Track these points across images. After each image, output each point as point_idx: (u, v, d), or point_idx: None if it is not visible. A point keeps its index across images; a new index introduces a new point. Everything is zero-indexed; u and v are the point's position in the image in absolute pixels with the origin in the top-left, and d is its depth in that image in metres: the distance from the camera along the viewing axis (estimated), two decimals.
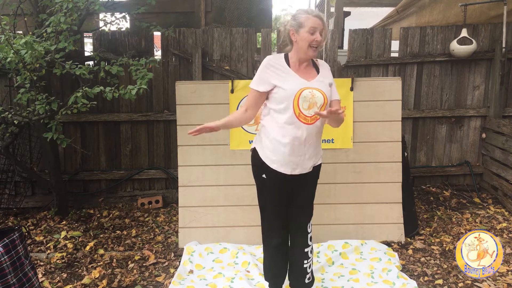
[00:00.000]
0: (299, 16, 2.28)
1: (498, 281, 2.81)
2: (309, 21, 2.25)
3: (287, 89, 2.27)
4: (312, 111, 2.27)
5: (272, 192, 2.45)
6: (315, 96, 2.27)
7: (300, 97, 2.26)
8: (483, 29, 4.32)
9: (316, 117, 2.28)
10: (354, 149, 3.46)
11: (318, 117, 2.29)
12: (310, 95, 2.27)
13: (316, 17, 2.27)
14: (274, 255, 2.53)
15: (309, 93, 2.27)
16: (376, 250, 3.24)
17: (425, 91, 4.40)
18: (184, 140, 3.47)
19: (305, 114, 2.27)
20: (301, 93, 2.26)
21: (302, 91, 2.27)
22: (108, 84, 3.41)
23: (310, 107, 2.27)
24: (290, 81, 2.29)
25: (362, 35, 4.30)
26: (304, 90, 2.27)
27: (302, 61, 2.35)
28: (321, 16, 2.29)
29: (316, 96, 2.27)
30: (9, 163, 4.08)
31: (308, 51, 2.28)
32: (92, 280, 2.92)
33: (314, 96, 2.27)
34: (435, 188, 4.45)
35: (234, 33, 4.28)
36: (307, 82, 2.31)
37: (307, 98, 2.26)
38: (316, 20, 2.26)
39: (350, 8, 7.66)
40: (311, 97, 2.26)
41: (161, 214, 4.13)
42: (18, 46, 2.96)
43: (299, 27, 2.28)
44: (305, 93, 2.26)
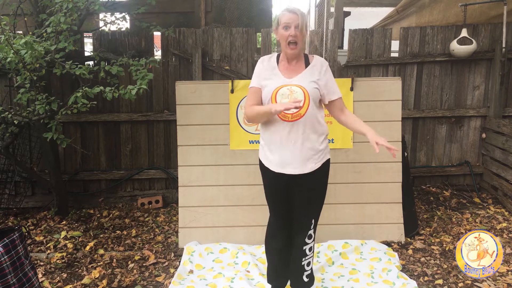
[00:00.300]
0: (277, 16, 2.32)
1: (498, 281, 2.81)
2: (283, 17, 2.26)
3: (266, 88, 2.30)
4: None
5: (270, 191, 2.44)
6: (294, 92, 2.25)
7: (278, 95, 2.25)
8: (483, 29, 4.32)
9: (299, 114, 2.24)
10: (354, 149, 3.46)
11: (302, 115, 2.24)
12: (288, 91, 2.25)
13: (289, 12, 2.25)
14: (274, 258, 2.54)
15: (287, 90, 2.26)
16: (376, 250, 3.24)
17: (425, 91, 4.40)
18: (184, 140, 3.47)
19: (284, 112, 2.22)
20: (278, 90, 2.26)
21: (280, 88, 2.27)
22: (108, 84, 3.41)
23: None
24: (271, 80, 2.32)
25: (362, 35, 4.30)
26: (282, 87, 2.27)
27: (290, 59, 2.34)
28: (295, 11, 2.26)
29: (295, 92, 2.25)
30: (9, 163, 4.08)
31: (286, 48, 2.28)
32: (92, 280, 2.92)
33: (292, 92, 2.25)
34: (435, 188, 4.45)
35: (234, 33, 4.28)
36: (288, 79, 2.31)
37: (285, 95, 2.25)
38: (289, 15, 2.24)
39: (350, 8, 7.67)
40: (290, 94, 2.24)
41: (161, 214, 4.13)
42: (18, 46, 2.95)
43: (277, 25, 2.30)
44: (282, 91, 2.26)
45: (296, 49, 2.27)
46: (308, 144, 2.30)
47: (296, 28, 2.23)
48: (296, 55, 2.32)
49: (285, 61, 2.36)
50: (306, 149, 2.30)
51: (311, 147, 2.31)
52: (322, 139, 2.37)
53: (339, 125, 3.40)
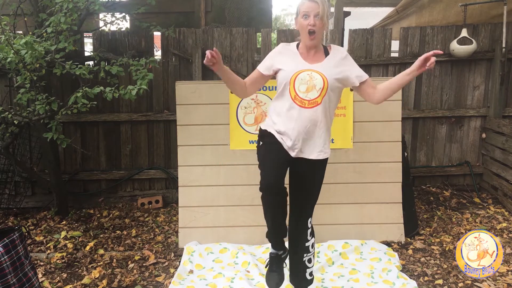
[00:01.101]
0: (298, 5, 2.29)
1: (498, 281, 2.81)
2: (302, 6, 2.23)
3: (286, 70, 2.26)
4: (311, 94, 2.21)
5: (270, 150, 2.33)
6: (314, 78, 2.21)
7: (297, 79, 2.22)
8: (483, 29, 4.32)
9: (315, 101, 2.21)
10: (354, 149, 3.46)
11: (318, 103, 2.22)
12: (308, 77, 2.22)
13: (309, 0, 2.22)
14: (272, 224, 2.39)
15: (307, 75, 2.22)
16: (376, 250, 3.24)
17: (425, 91, 4.40)
18: (184, 140, 3.47)
19: (301, 97, 2.21)
20: (298, 75, 2.22)
21: (300, 73, 2.23)
22: (108, 84, 3.41)
23: (308, 90, 2.22)
24: (291, 63, 2.29)
25: (362, 35, 4.30)
26: (302, 72, 2.23)
27: (309, 48, 2.31)
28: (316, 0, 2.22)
29: (314, 79, 2.21)
30: (9, 163, 4.08)
31: (306, 38, 2.25)
32: (92, 280, 2.92)
33: (312, 79, 2.21)
34: (435, 188, 4.45)
35: (234, 33, 4.28)
36: (308, 64, 2.27)
37: (305, 80, 2.21)
38: (308, 4, 2.21)
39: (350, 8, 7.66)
40: (309, 79, 2.21)
41: (161, 214, 4.13)
42: (18, 46, 2.96)
43: (297, 15, 2.28)
44: (302, 75, 2.22)
45: (315, 39, 2.24)
46: (320, 131, 2.28)
47: (316, 17, 2.20)
48: (315, 45, 2.29)
49: (304, 49, 2.33)
50: (317, 137, 2.28)
51: (321, 136, 2.29)
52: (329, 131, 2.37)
53: (339, 125, 3.44)
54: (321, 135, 2.29)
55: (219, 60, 2.18)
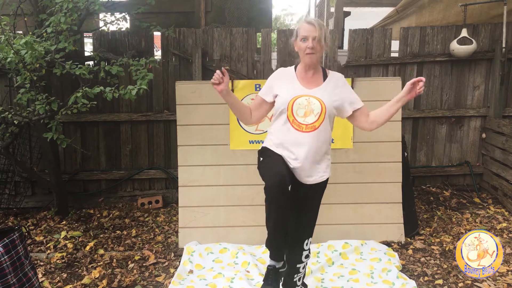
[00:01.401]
0: (297, 27, 2.32)
1: (498, 281, 2.81)
2: (300, 29, 2.26)
3: (284, 96, 2.28)
4: (309, 118, 2.23)
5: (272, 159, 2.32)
6: (312, 103, 2.24)
7: (295, 104, 2.24)
8: (483, 29, 4.32)
9: (313, 126, 2.23)
10: (354, 149, 3.46)
11: (316, 127, 2.24)
12: (306, 102, 2.24)
13: (307, 23, 2.26)
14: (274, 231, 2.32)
15: (305, 100, 2.25)
16: (376, 250, 3.24)
17: (425, 91, 4.40)
18: (184, 140, 3.47)
19: (299, 121, 2.23)
20: (296, 100, 2.25)
21: (298, 98, 2.25)
22: (108, 84, 3.41)
23: (306, 114, 2.24)
24: (289, 87, 2.30)
25: (362, 35, 4.30)
26: (300, 97, 2.25)
27: (307, 69, 2.33)
28: (313, 22, 2.26)
29: (312, 103, 2.24)
30: (9, 163, 4.08)
31: (304, 58, 2.27)
32: (92, 280, 2.93)
33: (310, 104, 2.24)
34: (435, 188, 4.45)
35: (234, 33, 4.28)
36: (306, 89, 2.29)
37: (303, 105, 2.23)
38: (307, 26, 2.24)
39: (350, 8, 7.66)
40: (307, 104, 2.24)
41: (161, 214, 4.13)
42: (18, 46, 2.96)
43: (296, 37, 2.30)
44: (300, 100, 2.24)
45: (314, 57, 2.26)
46: (317, 157, 2.29)
47: (314, 40, 2.22)
48: (314, 64, 2.30)
49: (302, 71, 2.34)
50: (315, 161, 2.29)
51: (319, 160, 2.31)
52: (328, 156, 2.38)
53: (339, 125, 3.43)
54: (322, 159, 2.31)
55: (226, 81, 2.23)
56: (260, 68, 4.27)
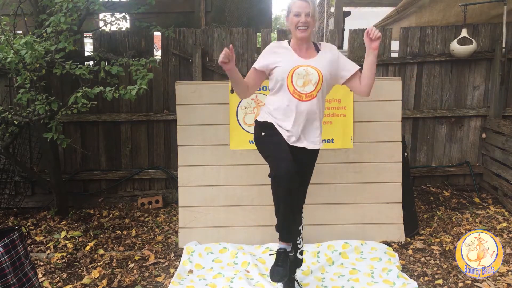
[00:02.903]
0: (289, 4, 2.44)
1: (498, 281, 2.81)
2: (294, 5, 2.39)
3: (282, 66, 2.40)
4: (307, 88, 2.37)
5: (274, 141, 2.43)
6: (310, 73, 2.38)
7: (294, 74, 2.38)
8: (483, 29, 4.32)
9: (311, 95, 2.38)
10: (354, 149, 3.46)
11: (314, 96, 2.38)
12: (305, 72, 2.38)
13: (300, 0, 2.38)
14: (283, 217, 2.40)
15: (303, 70, 2.38)
16: (376, 250, 3.24)
17: (425, 91, 4.40)
18: (184, 140, 3.47)
19: (299, 91, 2.38)
20: (296, 70, 2.38)
21: (297, 68, 2.38)
22: (108, 84, 3.41)
23: (305, 84, 2.38)
24: (286, 59, 2.43)
25: (362, 35, 4.27)
26: (299, 67, 2.38)
27: (300, 43, 2.45)
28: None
29: (310, 73, 2.38)
30: (9, 163, 4.08)
31: (296, 32, 2.40)
32: (92, 280, 2.93)
33: (308, 73, 2.38)
34: (435, 188, 4.45)
35: (234, 33, 4.28)
36: (304, 60, 2.42)
37: (301, 75, 2.37)
38: (299, 3, 2.37)
39: (350, 8, 7.67)
40: (306, 74, 2.37)
41: (161, 214, 4.13)
42: (18, 46, 2.96)
43: (288, 13, 2.43)
44: (299, 70, 2.38)
45: (306, 32, 2.38)
46: (316, 123, 2.45)
47: (307, 16, 2.36)
48: (306, 39, 2.42)
49: (296, 45, 2.47)
50: (314, 128, 2.45)
51: (317, 127, 2.47)
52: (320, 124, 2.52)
53: (339, 125, 3.44)
54: (318, 125, 2.47)
55: (233, 59, 2.32)
56: None
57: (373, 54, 2.43)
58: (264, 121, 2.48)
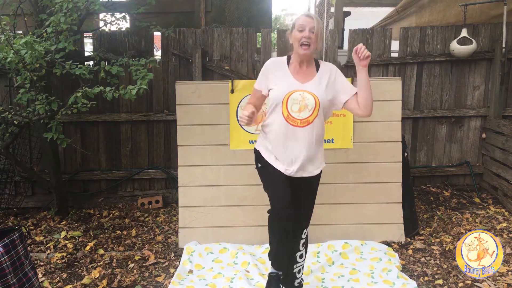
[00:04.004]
0: (294, 20, 2.39)
1: (498, 281, 2.81)
2: (298, 20, 2.33)
3: (278, 91, 2.33)
4: (303, 113, 2.29)
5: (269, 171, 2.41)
6: (306, 98, 2.29)
7: (289, 99, 2.29)
8: (483, 29, 4.32)
9: (307, 121, 2.29)
10: (354, 149, 3.46)
11: (310, 122, 2.30)
12: (300, 97, 2.29)
13: (305, 16, 2.33)
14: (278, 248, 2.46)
15: (299, 96, 2.30)
16: (376, 250, 3.24)
17: (425, 91, 4.40)
18: (184, 140, 3.47)
19: (293, 116, 2.29)
20: (291, 95, 2.30)
21: (292, 93, 2.30)
22: (108, 84, 3.41)
23: (300, 109, 2.29)
24: (282, 82, 2.34)
25: (362, 35, 4.30)
26: (295, 92, 2.30)
27: (301, 62, 2.37)
28: (310, 15, 2.34)
29: (306, 99, 2.29)
30: (9, 163, 4.08)
31: (299, 49, 2.31)
32: (92, 280, 2.93)
33: (304, 99, 2.29)
34: (435, 188, 4.45)
35: (234, 33, 4.28)
36: (300, 84, 2.34)
37: (297, 100, 2.29)
38: (304, 18, 2.31)
39: (350, 8, 7.67)
40: (301, 100, 2.29)
41: (161, 214, 4.13)
42: (18, 46, 2.96)
43: (292, 28, 2.36)
44: (294, 96, 2.30)
45: (309, 50, 2.30)
46: (312, 150, 2.36)
47: (311, 31, 2.28)
48: (308, 57, 2.35)
49: (296, 63, 2.39)
50: (310, 155, 2.36)
51: (314, 153, 2.38)
52: (321, 148, 2.46)
53: (339, 125, 3.44)
54: (316, 152, 2.39)
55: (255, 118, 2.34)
56: (260, 68, 4.26)
57: (363, 71, 2.31)
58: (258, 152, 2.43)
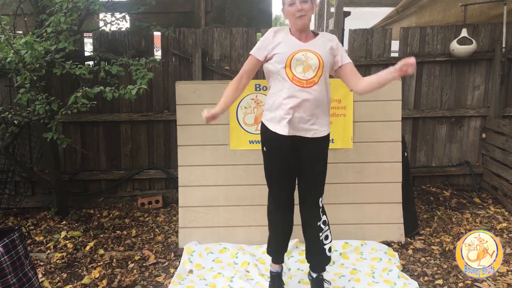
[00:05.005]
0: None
1: (498, 281, 2.81)
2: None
3: (281, 53, 2.31)
4: (307, 74, 2.28)
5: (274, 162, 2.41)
6: (309, 58, 2.28)
7: (293, 60, 2.28)
8: (483, 29, 4.32)
9: (313, 81, 2.28)
10: (354, 149, 3.46)
11: (316, 82, 2.28)
12: (304, 57, 2.28)
13: None
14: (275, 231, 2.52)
15: (303, 56, 2.28)
16: (376, 250, 3.24)
17: (425, 91, 4.40)
18: (184, 140, 3.47)
19: (299, 77, 2.28)
20: (294, 55, 2.28)
21: (296, 53, 2.29)
22: (108, 84, 3.41)
23: (304, 70, 2.28)
24: (285, 44, 2.33)
25: (362, 35, 4.30)
26: (298, 52, 2.29)
27: (300, 32, 2.37)
28: None
29: (310, 58, 2.28)
30: (9, 163, 4.08)
31: (296, 22, 2.31)
32: (92, 280, 2.93)
33: (308, 58, 2.28)
34: (435, 188, 4.45)
35: (234, 33, 4.28)
36: (303, 44, 2.33)
37: (301, 60, 2.27)
38: None
39: (350, 8, 7.66)
40: (305, 60, 2.28)
41: (161, 214, 4.13)
42: (18, 46, 2.96)
43: (283, 5, 2.36)
44: (298, 56, 2.28)
45: (304, 19, 2.29)
46: (319, 110, 2.34)
47: (302, 2, 2.27)
48: (306, 25, 2.34)
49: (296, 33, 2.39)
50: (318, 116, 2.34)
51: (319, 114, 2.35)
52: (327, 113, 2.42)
53: (339, 125, 3.44)
54: (324, 111, 2.37)
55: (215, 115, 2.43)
56: (260, 68, 4.26)
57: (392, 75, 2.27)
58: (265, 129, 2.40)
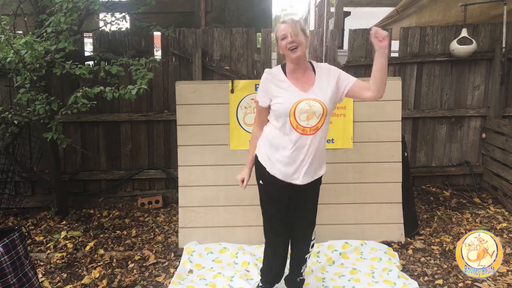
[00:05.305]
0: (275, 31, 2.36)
1: (498, 281, 2.81)
2: (278, 31, 2.32)
3: (283, 103, 2.30)
4: (312, 121, 2.28)
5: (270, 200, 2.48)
6: (313, 106, 2.28)
7: (297, 110, 2.27)
8: (483, 29, 4.32)
9: (316, 127, 2.30)
10: (354, 149, 3.46)
11: (318, 128, 2.30)
12: (307, 106, 2.28)
13: (281, 23, 2.31)
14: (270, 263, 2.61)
15: (306, 105, 2.28)
16: (376, 250, 3.24)
17: (425, 91, 4.40)
18: (184, 140, 3.47)
19: (303, 125, 2.29)
20: (297, 105, 2.27)
21: (298, 103, 2.28)
22: (108, 84, 3.41)
23: (308, 118, 2.28)
24: (286, 94, 2.31)
25: (362, 35, 4.30)
26: (301, 102, 2.28)
27: (296, 68, 2.34)
28: (285, 21, 2.31)
29: (313, 106, 2.28)
30: (9, 163, 4.08)
31: (289, 55, 2.29)
32: (92, 280, 2.93)
33: (312, 107, 2.28)
34: (435, 188, 4.45)
35: (234, 33, 4.28)
36: (304, 93, 2.31)
37: (304, 109, 2.27)
38: (281, 26, 2.29)
39: (350, 8, 7.66)
40: (309, 108, 2.28)
41: (161, 214, 4.13)
42: (18, 46, 2.96)
43: (276, 40, 2.35)
44: (301, 105, 2.28)
45: (298, 51, 2.26)
46: (319, 155, 2.38)
47: (293, 35, 2.25)
48: (301, 59, 2.30)
49: (291, 70, 2.35)
50: (317, 161, 2.39)
51: (320, 157, 2.41)
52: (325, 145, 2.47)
53: (339, 125, 3.44)
54: (321, 155, 2.43)
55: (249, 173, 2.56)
56: (260, 68, 4.27)
57: (383, 55, 2.22)
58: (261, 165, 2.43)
